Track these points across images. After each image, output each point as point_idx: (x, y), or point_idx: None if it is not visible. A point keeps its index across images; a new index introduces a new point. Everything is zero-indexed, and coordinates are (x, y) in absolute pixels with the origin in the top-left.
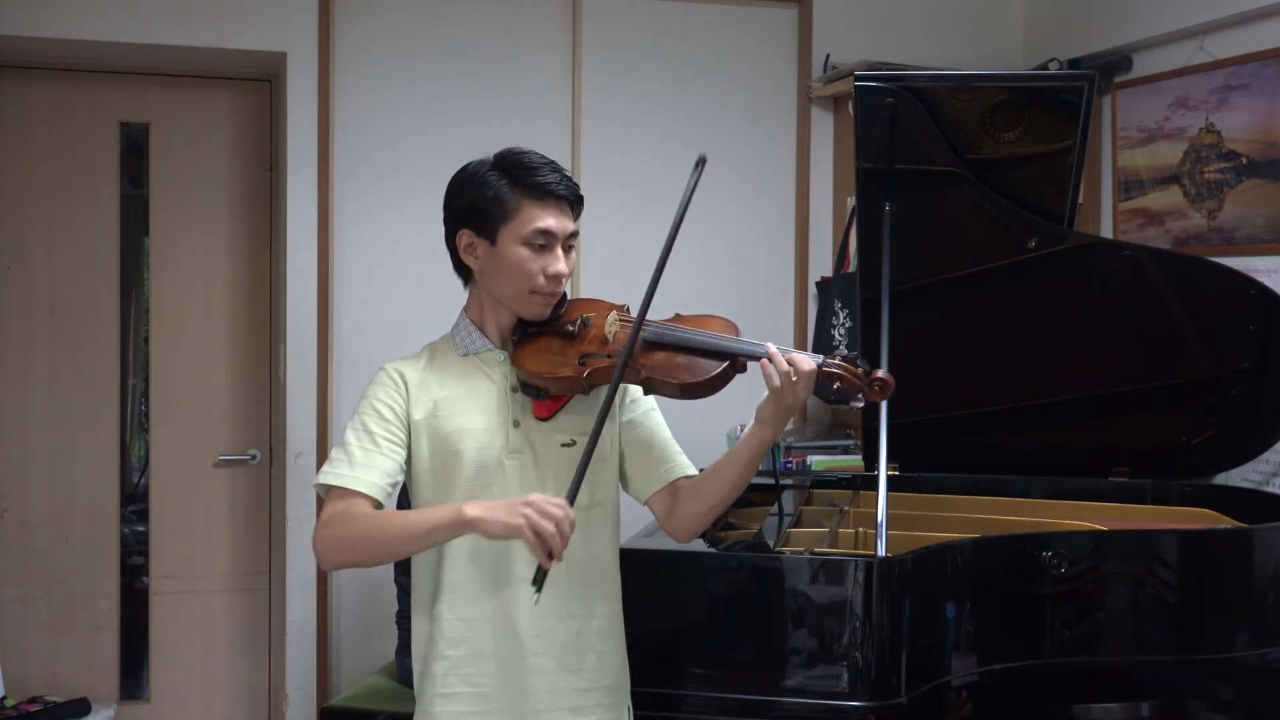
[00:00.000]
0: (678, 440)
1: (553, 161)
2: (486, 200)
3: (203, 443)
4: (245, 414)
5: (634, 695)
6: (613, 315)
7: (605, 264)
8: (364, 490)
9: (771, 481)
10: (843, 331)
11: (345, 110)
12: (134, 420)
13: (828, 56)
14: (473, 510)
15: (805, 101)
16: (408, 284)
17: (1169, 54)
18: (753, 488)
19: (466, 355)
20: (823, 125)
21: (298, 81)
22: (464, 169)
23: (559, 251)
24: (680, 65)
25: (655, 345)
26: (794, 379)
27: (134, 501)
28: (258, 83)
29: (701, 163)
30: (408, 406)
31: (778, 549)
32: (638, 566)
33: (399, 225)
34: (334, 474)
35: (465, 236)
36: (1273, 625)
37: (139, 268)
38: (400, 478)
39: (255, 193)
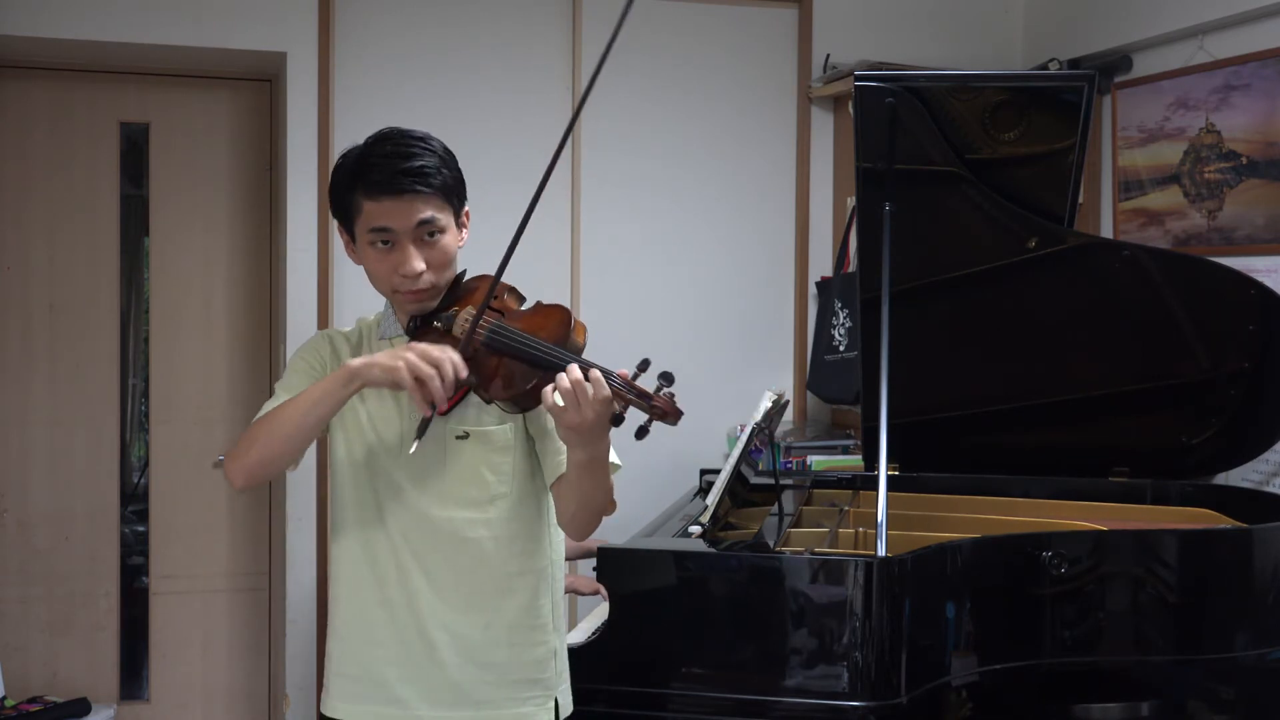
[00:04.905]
0: (682, 439)
1: (401, 147)
2: (340, 198)
3: (203, 443)
4: (245, 414)
5: (633, 695)
6: (466, 311)
7: (605, 263)
8: None
9: (771, 481)
10: (843, 331)
11: (345, 110)
12: (134, 420)
13: (828, 56)
14: (356, 362)
15: (805, 101)
16: None
17: (1169, 54)
18: (753, 488)
19: (384, 340)
20: (823, 125)
21: (298, 81)
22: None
23: (409, 249)
24: (680, 65)
25: (491, 350)
26: (577, 401)
27: (134, 501)
28: (258, 83)
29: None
30: (329, 365)
31: (778, 549)
32: (638, 566)
33: None
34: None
35: (343, 235)
36: (1273, 625)
37: (139, 267)
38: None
39: (255, 192)
